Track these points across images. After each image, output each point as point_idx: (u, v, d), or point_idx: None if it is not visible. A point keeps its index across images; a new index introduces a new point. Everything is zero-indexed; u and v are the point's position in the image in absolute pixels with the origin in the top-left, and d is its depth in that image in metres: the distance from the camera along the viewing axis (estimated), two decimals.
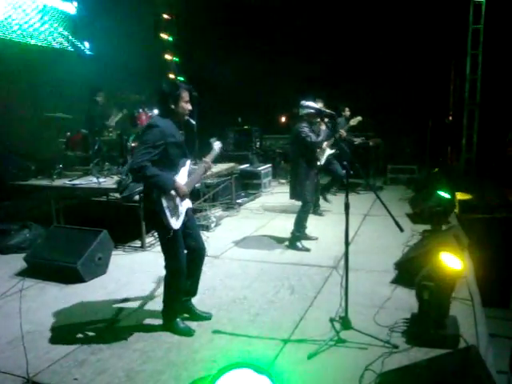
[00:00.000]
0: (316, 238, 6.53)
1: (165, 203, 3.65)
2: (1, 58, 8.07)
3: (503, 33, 9.90)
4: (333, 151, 7.77)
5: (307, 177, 6.01)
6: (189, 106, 3.84)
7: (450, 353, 2.89)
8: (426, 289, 3.61)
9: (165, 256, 3.85)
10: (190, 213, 3.98)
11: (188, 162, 3.95)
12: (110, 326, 4.10)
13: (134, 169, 3.59)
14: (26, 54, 8.77)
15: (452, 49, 11.16)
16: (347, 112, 9.02)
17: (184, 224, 3.85)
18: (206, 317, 4.16)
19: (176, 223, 3.71)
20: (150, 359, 3.50)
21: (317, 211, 7.97)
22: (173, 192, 3.67)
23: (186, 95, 3.80)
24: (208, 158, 4.08)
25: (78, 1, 10.09)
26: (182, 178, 3.82)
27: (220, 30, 12.04)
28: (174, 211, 3.71)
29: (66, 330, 4.02)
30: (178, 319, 3.96)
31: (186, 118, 3.90)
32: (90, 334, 3.95)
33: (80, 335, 3.93)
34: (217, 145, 4.21)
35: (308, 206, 6.20)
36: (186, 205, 3.86)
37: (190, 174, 3.97)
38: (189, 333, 3.87)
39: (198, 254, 4.05)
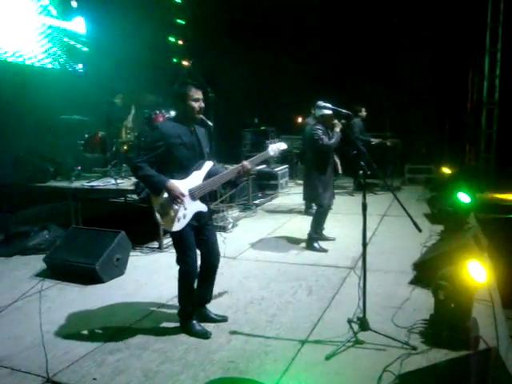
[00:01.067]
0: (333, 239, 6.51)
1: (155, 204, 3.61)
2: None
3: None
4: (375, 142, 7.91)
5: (319, 179, 5.99)
6: (200, 104, 3.74)
7: (470, 354, 2.85)
8: (441, 289, 3.57)
9: (176, 256, 3.88)
10: (203, 217, 3.85)
11: (207, 164, 3.81)
12: (128, 326, 4.13)
13: (131, 168, 3.65)
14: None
15: (470, 47, 11.03)
16: (363, 112, 8.96)
17: (195, 228, 3.79)
18: (221, 320, 4.13)
19: (173, 225, 3.62)
20: (168, 360, 3.52)
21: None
22: (164, 193, 3.57)
23: (194, 93, 3.70)
24: (249, 161, 3.91)
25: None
26: (194, 179, 3.72)
27: (232, 31, 12.05)
28: (170, 213, 3.61)
29: (85, 331, 4.06)
30: (194, 321, 3.95)
31: (200, 117, 3.80)
32: (109, 334, 3.97)
33: (99, 336, 3.96)
34: (273, 148, 4.03)
35: (323, 208, 6.17)
36: (194, 208, 3.73)
37: (210, 176, 3.82)
38: (204, 335, 3.85)
39: (209, 263, 4.00)
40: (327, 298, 4.58)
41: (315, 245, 6.14)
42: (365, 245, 3.76)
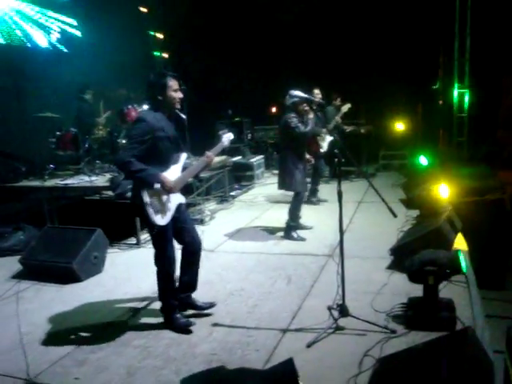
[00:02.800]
0: (311, 227, 6.55)
1: (147, 198, 3.55)
2: None
3: (491, 13, 9.87)
4: (332, 138, 7.83)
5: (296, 167, 6.00)
6: (179, 95, 3.73)
7: (447, 335, 2.91)
8: (430, 274, 3.63)
9: (154, 250, 3.86)
10: (182, 208, 3.91)
11: (183, 157, 3.86)
12: (108, 324, 4.10)
13: (118, 164, 3.57)
14: (8, 55, 8.68)
15: (440, 32, 11.12)
16: (338, 101, 8.91)
17: (176, 219, 3.79)
18: (210, 307, 4.13)
19: (161, 220, 3.63)
20: (150, 355, 3.51)
21: (312, 200, 8.01)
22: (158, 186, 3.54)
23: (173, 83, 3.69)
24: (211, 151, 3.97)
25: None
26: (173, 172, 3.73)
27: (206, 23, 11.97)
28: (159, 207, 3.62)
29: (65, 330, 4.02)
30: (177, 314, 3.95)
31: (178, 106, 3.77)
32: (89, 333, 3.95)
33: (79, 335, 3.93)
34: (226, 137, 4.12)
35: (300, 196, 6.20)
36: (176, 200, 3.78)
37: (185, 168, 3.88)
38: (189, 326, 3.88)
39: (193, 248, 3.99)
40: (306, 287, 4.61)
41: (293, 234, 6.17)
42: (342, 232, 3.79)
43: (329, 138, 7.94)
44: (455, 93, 10.88)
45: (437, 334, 3.12)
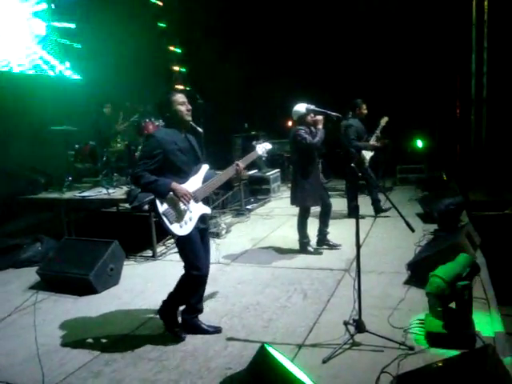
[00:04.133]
0: (340, 246, 6.32)
1: (162, 208, 3.57)
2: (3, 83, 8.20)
3: (508, 26, 9.83)
4: (373, 153, 7.88)
5: (306, 181, 5.90)
6: (187, 106, 3.81)
7: (467, 353, 2.85)
8: (466, 289, 3.57)
9: (183, 262, 3.85)
10: (207, 221, 3.95)
11: (203, 168, 3.89)
12: (124, 336, 4.10)
13: (132, 179, 3.67)
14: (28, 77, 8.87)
15: (457, 46, 11.10)
16: (364, 110, 8.07)
17: (201, 232, 3.86)
18: (215, 332, 4.03)
19: (180, 229, 3.63)
20: (165, 368, 3.50)
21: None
22: (171, 194, 3.57)
23: (178, 97, 3.78)
24: (241, 161, 4.00)
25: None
26: (192, 184, 3.76)
27: (223, 37, 12.09)
28: (177, 217, 3.63)
29: (81, 342, 4.03)
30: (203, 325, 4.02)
31: (188, 118, 3.82)
32: (105, 344, 3.96)
33: (95, 346, 3.94)
34: (261, 147, 4.16)
35: (304, 211, 6.10)
36: (198, 211, 3.77)
37: (207, 179, 3.87)
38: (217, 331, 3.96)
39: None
40: (322, 301, 4.57)
41: (309, 248, 6.12)
42: (358, 246, 3.76)
43: (370, 153, 7.87)
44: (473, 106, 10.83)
45: (456, 352, 3.06)
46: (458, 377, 2.52)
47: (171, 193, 3.57)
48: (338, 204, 8.38)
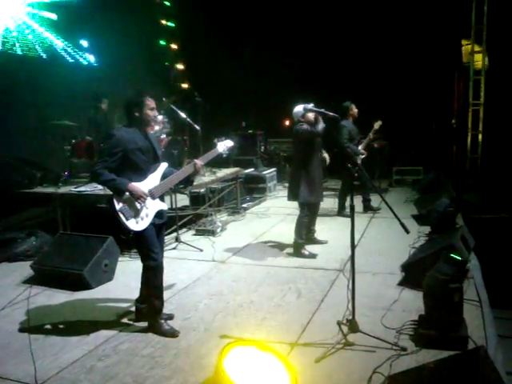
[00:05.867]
0: (326, 242, 6.52)
1: (118, 205, 3.74)
2: (1, 69, 8.11)
3: (506, 30, 9.86)
4: (365, 154, 8.20)
5: (306, 177, 5.89)
6: (154, 113, 3.98)
7: (458, 354, 2.87)
8: (456, 292, 3.59)
9: (139, 255, 4.03)
10: (164, 216, 4.09)
11: (162, 166, 4.05)
12: (117, 332, 4.10)
13: (91, 176, 3.75)
14: (26, 65, 8.80)
15: (455, 49, 11.13)
16: (354, 110, 8.21)
17: (158, 227, 4.02)
18: (167, 319, 4.18)
19: (136, 225, 3.79)
20: (158, 365, 3.50)
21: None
22: (127, 194, 3.73)
23: (150, 103, 3.93)
24: (201, 158, 4.22)
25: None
26: (150, 181, 3.92)
27: (221, 35, 12.08)
28: (133, 213, 3.78)
29: (74, 337, 4.02)
30: (162, 320, 4.05)
31: (152, 124, 4.11)
32: (98, 340, 3.95)
33: (88, 342, 3.93)
34: (222, 144, 4.31)
35: (305, 211, 6.08)
36: (154, 207, 3.93)
37: (165, 177, 4.03)
38: (173, 334, 3.95)
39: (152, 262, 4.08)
40: (316, 301, 4.58)
41: (303, 251, 6.07)
42: (353, 247, 3.77)
43: (361, 156, 8.17)
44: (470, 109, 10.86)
45: (448, 353, 3.08)
46: (450, 378, 2.54)
47: (127, 193, 3.74)
48: (333, 204, 8.42)
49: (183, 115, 8.30)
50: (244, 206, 9.04)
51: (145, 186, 3.86)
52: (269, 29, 12.27)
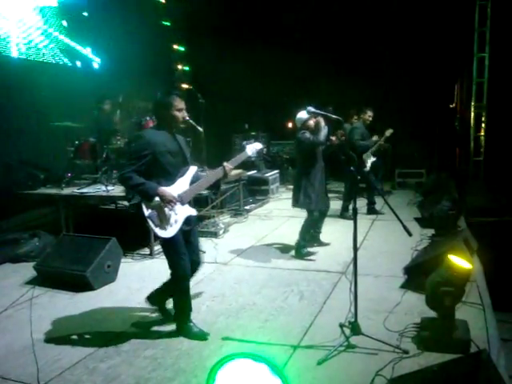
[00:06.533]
0: (328, 244, 6.54)
1: (147, 211, 3.62)
2: (5, 72, 8.13)
3: (510, 34, 9.85)
4: (375, 158, 8.33)
5: (310, 184, 5.91)
6: (183, 114, 3.84)
7: (461, 357, 2.87)
8: (447, 295, 3.58)
9: (168, 262, 3.90)
10: (192, 222, 3.95)
11: (191, 170, 3.90)
12: (119, 333, 4.11)
13: (119, 180, 3.65)
14: (29, 67, 8.82)
15: (458, 52, 11.11)
16: (368, 115, 8.30)
17: (186, 233, 3.87)
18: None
19: (164, 232, 3.68)
20: (160, 366, 3.51)
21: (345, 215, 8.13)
22: (157, 199, 3.60)
23: (179, 103, 3.80)
24: (230, 162, 4.01)
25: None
26: (179, 186, 3.78)
27: (224, 37, 12.08)
28: (162, 219, 3.66)
29: (77, 338, 4.04)
30: (190, 323, 3.98)
31: (181, 126, 3.89)
32: (101, 341, 3.95)
33: (90, 343, 3.94)
34: (251, 147, 4.14)
35: (313, 216, 6.09)
36: (184, 213, 3.80)
37: (194, 181, 3.90)
38: (202, 336, 3.89)
39: (193, 267, 4.01)
40: (319, 303, 4.58)
41: (303, 251, 6.10)
42: (356, 249, 3.78)
43: (372, 158, 8.31)
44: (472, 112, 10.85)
45: (450, 356, 3.07)
46: (452, 381, 2.53)
47: (157, 197, 3.60)
48: (335, 206, 8.40)
49: (186, 117, 8.30)
50: (247, 207, 9.04)
51: (174, 190, 3.71)
52: (273, 30, 12.27)
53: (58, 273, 5.31)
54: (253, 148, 4.21)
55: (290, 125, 11.72)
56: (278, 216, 8.57)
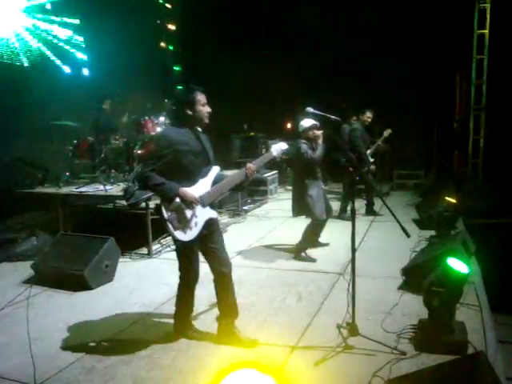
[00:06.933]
0: (327, 244, 6.55)
1: (166, 213, 3.45)
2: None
3: (509, 37, 9.87)
4: (373, 159, 8.35)
5: (308, 194, 5.90)
6: (207, 109, 3.69)
7: (458, 359, 2.87)
8: (435, 295, 3.59)
9: (179, 264, 3.81)
10: (213, 225, 3.72)
11: (214, 170, 3.70)
12: (117, 333, 4.10)
13: (138, 179, 3.53)
14: (27, 67, 8.84)
15: (457, 53, 11.14)
16: (366, 116, 8.36)
17: (205, 237, 3.65)
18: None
19: (184, 235, 3.49)
20: (158, 366, 3.50)
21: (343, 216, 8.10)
22: (177, 200, 3.45)
23: (202, 98, 3.66)
24: (254, 163, 3.79)
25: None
26: (201, 187, 3.59)
27: (222, 37, 12.08)
28: (182, 222, 3.48)
29: (74, 337, 4.03)
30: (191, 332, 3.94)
31: (206, 121, 3.70)
32: (98, 341, 3.95)
33: (87, 342, 3.93)
34: (276, 147, 3.93)
35: (317, 222, 6.05)
36: (204, 215, 3.59)
37: (216, 182, 3.69)
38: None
39: (220, 273, 3.79)
40: (316, 304, 4.58)
41: (303, 254, 6.09)
42: (354, 250, 3.77)
43: (370, 159, 8.34)
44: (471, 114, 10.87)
45: (448, 358, 3.07)
46: (449, 383, 2.53)
47: (178, 198, 3.46)
48: (334, 207, 8.40)
49: None
50: (245, 208, 9.05)
51: (195, 191, 3.53)
52: (272, 30, 12.28)
53: (55, 272, 5.30)
54: (278, 148, 3.98)
55: (289, 125, 11.71)
56: (277, 216, 8.57)
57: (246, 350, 3.70)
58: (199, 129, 3.75)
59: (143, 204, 6.18)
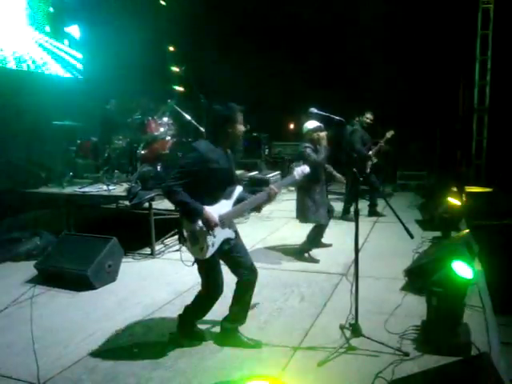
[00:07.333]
0: (330, 245, 6.55)
1: (186, 231, 3.48)
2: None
3: None
4: (376, 160, 8.37)
5: (311, 198, 5.90)
6: (243, 128, 3.69)
7: (461, 360, 2.86)
8: (434, 295, 3.60)
9: (201, 281, 3.78)
10: (234, 239, 3.74)
11: (237, 190, 3.65)
12: (119, 333, 4.11)
13: (164, 191, 3.47)
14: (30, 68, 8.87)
15: (460, 54, 11.12)
16: (365, 118, 8.48)
17: (227, 250, 3.67)
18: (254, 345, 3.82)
19: (200, 253, 3.49)
20: (160, 366, 3.51)
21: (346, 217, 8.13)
22: (200, 224, 3.43)
23: (241, 117, 3.66)
24: (277, 185, 3.75)
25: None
26: (223, 206, 3.57)
27: (224, 37, 12.09)
28: (199, 240, 3.47)
29: (77, 337, 4.03)
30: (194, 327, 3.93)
31: (240, 141, 3.71)
32: (101, 341, 3.95)
33: (90, 342, 3.93)
34: (299, 171, 3.86)
35: (320, 226, 6.07)
36: (222, 235, 3.59)
37: (239, 201, 3.66)
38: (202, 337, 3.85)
39: (247, 281, 3.82)
40: (319, 305, 4.58)
41: (305, 255, 6.10)
42: (357, 251, 3.78)
43: (374, 160, 8.40)
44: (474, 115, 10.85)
45: (451, 359, 3.07)
46: None
47: (200, 221, 3.43)
48: (337, 208, 8.40)
49: (188, 117, 8.31)
50: None
51: (216, 210, 3.49)
52: (273, 30, 12.28)
53: (58, 272, 5.31)
54: (301, 172, 3.88)
55: (291, 126, 11.71)
56: (279, 217, 8.57)
57: (249, 350, 3.70)
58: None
59: (146, 204, 6.19)
